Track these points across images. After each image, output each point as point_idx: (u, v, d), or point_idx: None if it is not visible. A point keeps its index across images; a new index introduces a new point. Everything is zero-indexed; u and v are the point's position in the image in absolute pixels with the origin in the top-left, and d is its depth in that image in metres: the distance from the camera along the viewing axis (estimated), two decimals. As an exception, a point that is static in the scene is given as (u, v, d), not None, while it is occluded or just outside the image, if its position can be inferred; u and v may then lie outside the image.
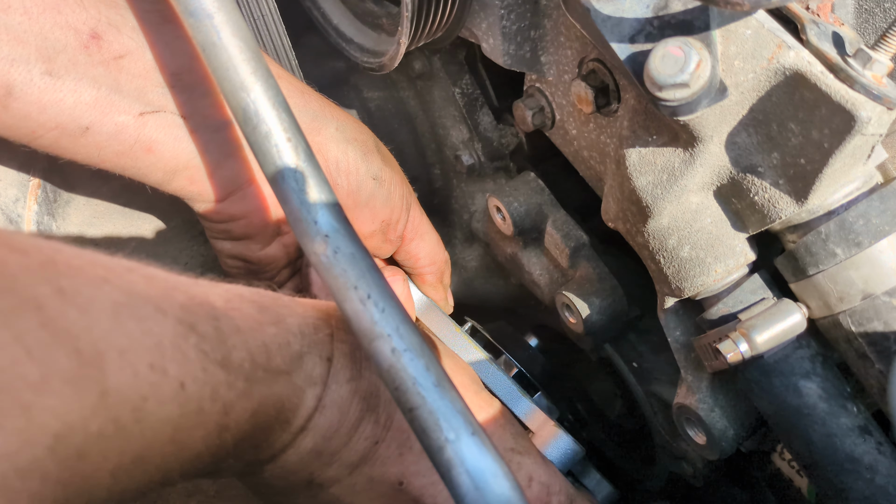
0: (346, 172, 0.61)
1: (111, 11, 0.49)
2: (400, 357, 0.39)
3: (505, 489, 0.37)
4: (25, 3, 0.46)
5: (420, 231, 0.68)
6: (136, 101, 0.51)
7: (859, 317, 0.49)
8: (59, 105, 0.48)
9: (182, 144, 0.53)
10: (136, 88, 0.51)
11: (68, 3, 0.48)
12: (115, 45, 0.49)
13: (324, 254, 0.41)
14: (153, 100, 0.51)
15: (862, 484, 0.50)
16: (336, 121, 0.61)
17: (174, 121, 0.53)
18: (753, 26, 0.45)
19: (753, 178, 0.49)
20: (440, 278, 0.72)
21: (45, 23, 0.47)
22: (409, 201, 0.66)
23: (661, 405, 0.69)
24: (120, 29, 0.49)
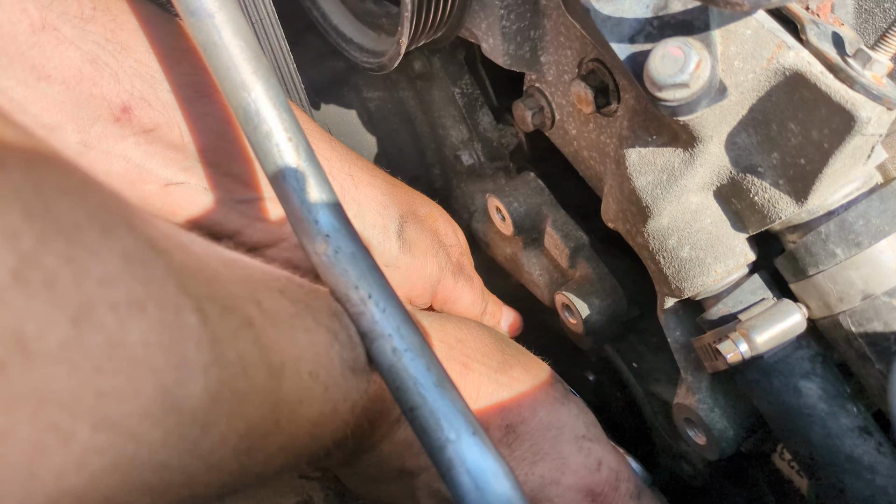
0: None
1: (144, 85, 0.51)
2: (401, 357, 0.39)
3: (505, 489, 0.37)
4: (64, 74, 0.47)
5: (452, 297, 0.68)
6: (163, 172, 0.52)
7: (859, 317, 0.49)
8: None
9: (205, 213, 0.55)
10: (164, 161, 0.52)
11: (104, 76, 0.49)
12: (145, 119, 0.50)
13: (325, 253, 0.41)
14: (179, 172, 0.53)
15: (862, 484, 0.50)
16: (356, 205, 0.60)
17: (198, 192, 0.54)
18: (753, 26, 0.45)
19: (753, 178, 0.49)
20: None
21: (82, 94, 0.48)
22: (434, 279, 0.66)
23: (661, 405, 0.69)
24: (151, 103, 0.51)
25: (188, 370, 0.28)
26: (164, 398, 0.27)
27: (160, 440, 0.27)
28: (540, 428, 0.56)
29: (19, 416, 0.22)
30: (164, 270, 0.28)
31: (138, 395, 0.26)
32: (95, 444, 0.24)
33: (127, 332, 0.25)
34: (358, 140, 0.78)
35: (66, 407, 0.23)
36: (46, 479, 0.23)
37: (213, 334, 0.30)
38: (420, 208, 0.66)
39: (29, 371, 0.22)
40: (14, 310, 0.21)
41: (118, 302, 0.25)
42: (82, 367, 0.23)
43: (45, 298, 0.22)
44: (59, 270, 0.23)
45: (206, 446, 0.30)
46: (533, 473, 0.55)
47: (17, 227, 0.22)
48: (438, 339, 0.55)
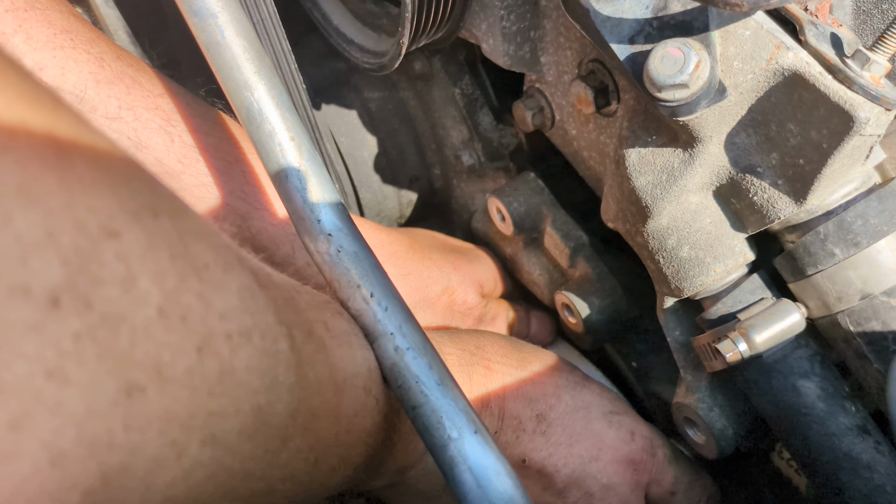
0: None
1: (171, 181, 0.53)
2: (403, 356, 0.40)
3: (507, 487, 0.37)
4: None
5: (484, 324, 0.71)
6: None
7: (858, 316, 0.49)
8: None
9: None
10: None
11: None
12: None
13: (327, 252, 0.41)
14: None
15: (860, 483, 0.50)
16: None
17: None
18: (752, 27, 0.45)
19: (752, 178, 0.50)
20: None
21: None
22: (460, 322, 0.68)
23: (661, 404, 0.69)
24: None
25: (277, 391, 0.31)
26: (257, 416, 0.30)
27: (250, 453, 0.30)
28: (568, 411, 0.58)
29: (150, 434, 0.24)
30: (265, 302, 0.31)
31: (239, 414, 0.29)
32: (201, 458, 0.27)
33: (236, 358, 0.28)
34: (358, 140, 0.78)
35: (184, 425, 0.26)
36: (158, 489, 0.25)
37: (299, 357, 0.33)
38: (433, 288, 0.67)
39: (162, 394, 0.24)
40: (157, 341, 0.24)
41: (232, 332, 0.28)
42: (200, 390, 0.26)
43: (180, 330, 0.25)
44: (192, 306, 0.26)
45: (284, 458, 0.33)
46: (572, 455, 0.57)
47: (164, 269, 0.25)
48: (459, 348, 0.57)
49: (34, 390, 0.20)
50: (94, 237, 0.23)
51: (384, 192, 0.80)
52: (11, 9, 0.49)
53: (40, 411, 0.21)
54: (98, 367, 0.22)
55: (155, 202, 0.26)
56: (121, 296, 0.23)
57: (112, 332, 0.23)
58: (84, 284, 0.22)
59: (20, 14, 0.50)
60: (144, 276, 0.24)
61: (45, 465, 0.21)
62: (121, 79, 0.53)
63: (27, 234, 0.20)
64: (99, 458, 0.22)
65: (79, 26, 0.53)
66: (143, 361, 0.24)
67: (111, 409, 0.23)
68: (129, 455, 0.24)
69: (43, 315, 0.21)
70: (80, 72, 0.51)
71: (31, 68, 0.48)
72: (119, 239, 0.23)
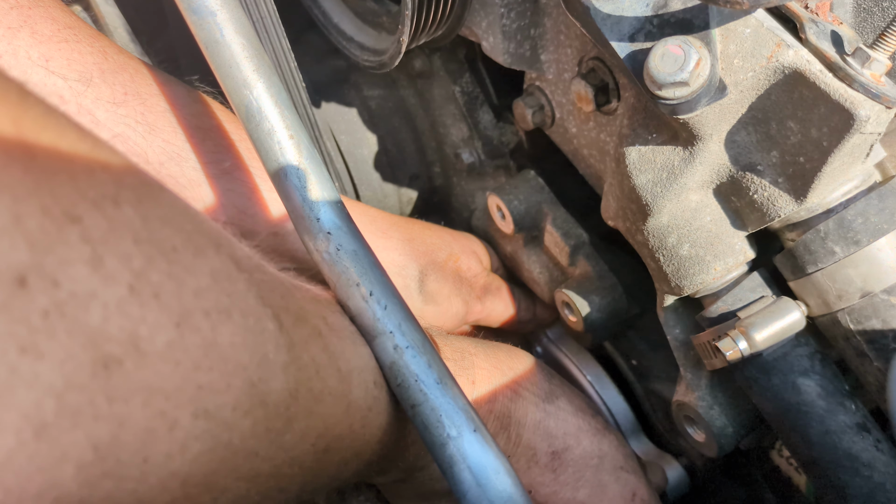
0: None
1: (172, 164, 0.54)
2: (402, 354, 0.40)
3: (506, 485, 0.37)
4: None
5: (484, 315, 0.72)
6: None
7: (858, 315, 0.49)
8: None
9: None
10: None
11: (134, 156, 0.52)
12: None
13: (326, 251, 0.41)
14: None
15: (860, 481, 0.50)
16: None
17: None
18: (753, 25, 0.45)
19: (753, 176, 0.50)
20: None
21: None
22: (462, 313, 0.69)
23: (661, 403, 0.69)
24: (178, 180, 0.54)
25: (270, 368, 0.32)
26: (251, 392, 0.31)
27: (249, 430, 0.31)
28: (583, 456, 0.59)
29: (134, 405, 0.25)
30: (246, 284, 0.32)
31: (230, 388, 0.29)
32: (195, 430, 0.28)
33: (218, 334, 0.29)
34: (358, 138, 0.78)
35: (171, 398, 0.26)
36: (157, 461, 0.26)
37: (289, 339, 0.34)
38: (439, 254, 0.68)
39: (142, 367, 0.25)
40: (130, 316, 0.25)
41: (209, 309, 0.29)
42: (184, 363, 0.27)
43: (154, 307, 0.26)
44: (163, 284, 0.27)
45: (288, 439, 0.34)
46: (575, 499, 0.58)
47: (129, 251, 0.26)
48: (492, 364, 0.58)
49: (9, 365, 0.21)
50: (59, 221, 0.23)
51: (384, 190, 0.80)
52: (16, 6, 0.51)
53: (17, 385, 0.21)
54: (70, 341, 0.23)
55: (116, 191, 0.27)
56: (89, 274, 0.24)
57: (82, 309, 0.23)
58: (51, 264, 0.23)
59: (25, 11, 0.51)
60: (111, 257, 0.25)
61: (29, 436, 0.22)
62: (124, 69, 0.54)
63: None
64: (85, 429, 0.23)
65: (80, 23, 0.54)
66: (117, 336, 0.24)
67: (89, 380, 0.23)
68: (118, 426, 0.24)
69: (9, 294, 0.21)
70: (84, 62, 0.52)
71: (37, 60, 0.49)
72: (81, 223, 0.24)
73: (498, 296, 0.73)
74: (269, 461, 0.33)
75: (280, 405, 0.33)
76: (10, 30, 0.50)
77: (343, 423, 0.39)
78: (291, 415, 0.34)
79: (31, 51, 0.50)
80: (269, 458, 0.33)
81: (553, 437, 0.58)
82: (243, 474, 0.32)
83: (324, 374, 0.37)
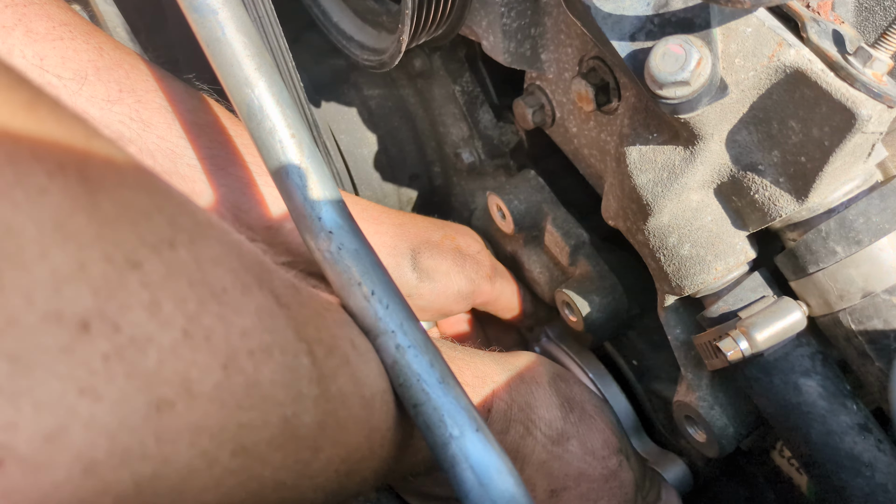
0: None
1: (165, 160, 0.54)
2: (404, 353, 0.39)
3: (509, 485, 0.37)
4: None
5: (493, 298, 0.72)
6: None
7: (859, 315, 0.49)
8: None
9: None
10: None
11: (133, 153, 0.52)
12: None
13: (328, 250, 0.41)
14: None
15: (861, 481, 0.50)
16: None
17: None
18: (754, 24, 0.45)
19: (754, 175, 0.49)
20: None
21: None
22: (466, 291, 0.69)
23: (661, 403, 0.69)
24: (172, 177, 0.54)
25: (303, 403, 0.33)
26: (285, 427, 0.32)
27: (280, 462, 0.32)
28: (580, 498, 0.59)
29: (181, 445, 0.26)
30: (285, 321, 0.33)
31: (267, 425, 0.31)
32: (232, 466, 0.29)
33: (260, 373, 0.30)
34: (358, 138, 0.78)
35: (214, 437, 0.28)
36: (192, 495, 0.27)
37: (321, 372, 0.35)
38: (433, 234, 0.68)
39: (191, 409, 0.26)
40: (184, 360, 0.26)
41: (254, 349, 0.30)
42: (229, 404, 0.28)
43: (205, 349, 0.27)
44: (214, 327, 0.28)
45: (315, 468, 0.35)
46: None
47: (184, 295, 0.27)
48: (510, 396, 0.58)
49: (68, 406, 0.22)
50: (121, 268, 0.25)
51: (384, 189, 0.80)
52: (11, 4, 0.50)
53: (74, 425, 0.22)
54: (127, 384, 0.24)
55: (173, 234, 0.28)
56: (147, 320, 0.25)
57: (140, 353, 0.24)
58: (113, 310, 0.24)
59: (20, 9, 0.51)
60: (167, 301, 0.26)
61: (77, 473, 0.22)
62: (120, 65, 0.54)
63: (61, 267, 0.23)
64: (131, 468, 0.24)
65: (77, 20, 0.54)
66: (171, 378, 0.25)
67: (142, 422, 0.24)
68: (162, 464, 0.25)
69: (74, 338, 0.22)
70: (79, 60, 0.52)
71: (31, 59, 0.49)
72: (141, 269, 0.25)
73: (507, 279, 0.72)
74: (295, 490, 0.34)
75: (309, 437, 0.34)
76: (5, 28, 0.49)
77: (365, 446, 0.40)
78: (319, 445, 0.35)
79: (25, 49, 0.50)
80: (296, 486, 0.34)
81: (554, 477, 0.58)
82: (269, 503, 0.33)
83: (349, 402, 0.38)
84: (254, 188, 0.57)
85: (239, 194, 0.56)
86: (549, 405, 0.59)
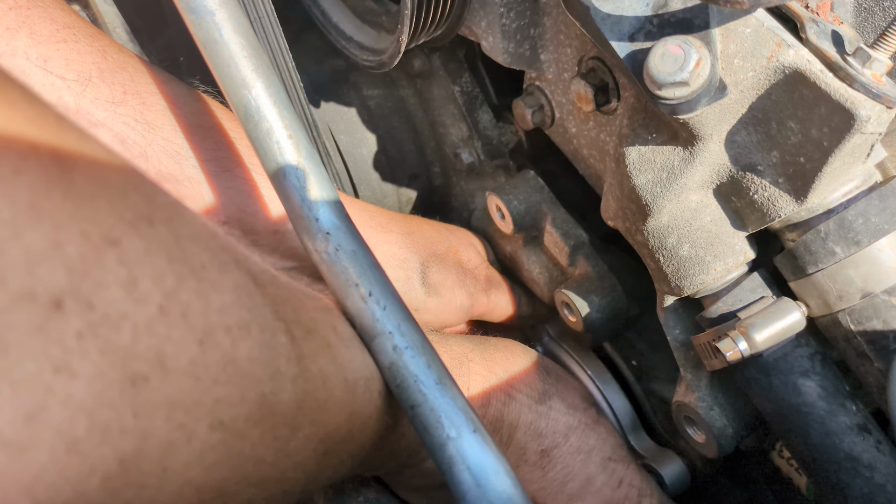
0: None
1: (171, 162, 0.54)
2: (401, 354, 0.39)
3: (506, 486, 0.37)
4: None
5: (489, 309, 0.73)
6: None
7: (858, 315, 0.49)
8: None
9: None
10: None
11: (134, 155, 0.53)
12: (172, 194, 0.54)
13: (325, 251, 0.41)
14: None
15: (861, 482, 0.50)
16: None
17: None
18: (753, 25, 0.45)
19: (753, 176, 0.49)
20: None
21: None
22: (467, 305, 0.69)
23: (660, 403, 0.69)
24: (178, 179, 0.54)
25: (280, 380, 0.33)
26: (263, 403, 0.32)
27: (259, 438, 0.32)
28: (571, 452, 0.61)
29: (158, 419, 0.26)
30: (262, 299, 0.33)
31: (244, 401, 0.31)
32: (211, 440, 0.29)
33: (237, 349, 0.30)
34: (358, 138, 0.78)
35: (190, 411, 0.28)
36: (175, 471, 0.28)
37: (299, 351, 0.35)
38: (439, 246, 0.69)
39: (166, 383, 0.26)
40: (158, 335, 0.26)
41: (231, 326, 0.30)
42: (204, 379, 0.28)
43: (181, 325, 0.27)
44: (191, 303, 0.28)
45: (293, 446, 0.36)
46: (562, 493, 0.60)
47: (163, 271, 0.27)
48: (487, 368, 0.59)
49: (44, 384, 0.22)
50: (97, 245, 0.25)
51: (383, 190, 0.80)
52: (15, 6, 0.51)
53: (53, 403, 0.22)
54: (102, 360, 0.24)
55: (151, 211, 0.28)
56: (123, 297, 0.25)
57: (114, 329, 0.25)
58: (87, 288, 0.24)
59: (24, 11, 0.51)
60: (145, 278, 0.26)
61: (62, 452, 0.23)
62: (124, 68, 0.54)
63: (35, 246, 0.23)
64: (113, 444, 0.24)
65: (80, 23, 0.54)
66: (145, 354, 0.26)
67: (118, 397, 0.24)
68: (142, 439, 0.26)
69: (46, 317, 0.23)
70: (83, 62, 0.52)
71: (36, 60, 0.49)
72: (119, 246, 0.25)
73: (501, 290, 0.73)
74: (275, 466, 0.35)
75: (287, 415, 0.34)
76: (9, 30, 0.50)
77: (344, 428, 0.40)
78: (297, 423, 0.35)
79: (29, 51, 0.50)
80: (275, 463, 0.35)
81: (542, 436, 0.60)
82: (252, 480, 0.33)
83: (330, 384, 0.38)
84: (258, 191, 0.57)
85: (245, 197, 0.56)
86: (527, 370, 0.61)
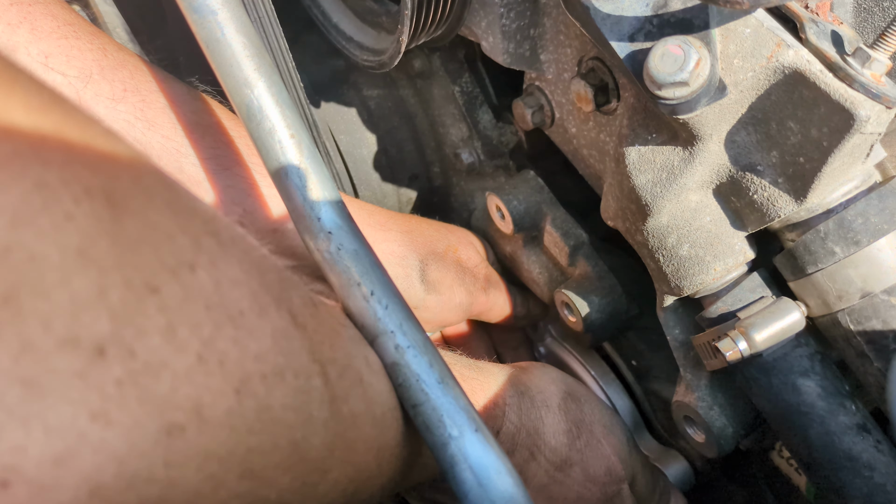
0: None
1: (170, 159, 0.54)
2: (403, 354, 0.39)
3: (508, 486, 0.37)
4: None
5: (486, 309, 0.73)
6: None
7: (858, 315, 0.49)
8: None
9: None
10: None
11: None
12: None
13: (327, 251, 0.41)
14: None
15: (860, 482, 0.50)
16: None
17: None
18: (753, 25, 0.45)
19: (752, 176, 0.49)
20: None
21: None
22: (466, 304, 0.70)
23: (660, 403, 0.69)
24: (177, 177, 0.53)
25: (312, 426, 0.33)
26: (294, 450, 0.32)
27: (288, 485, 0.32)
28: None
29: (189, 469, 0.26)
30: (300, 342, 0.33)
31: (276, 449, 0.31)
32: (239, 490, 0.29)
33: (272, 397, 0.30)
34: (358, 138, 0.78)
35: (223, 462, 0.28)
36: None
37: (332, 393, 0.35)
38: (438, 244, 0.69)
39: (202, 434, 0.26)
40: (196, 385, 0.26)
41: (267, 373, 0.30)
42: (240, 429, 0.28)
43: (218, 374, 0.27)
44: (229, 351, 0.28)
45: (322, 489, 0.35)
46: None
47: (200, 320, 0.27)
48: (521, 422, 0.58)
49: (78, 430, 0.22)
50: (139, 292, 0.25)
51: (383, 190, 0.80)
52: (16, 2, 0.51)
53: (84, 450, 0.22)
54: (139, 409, 0.24)
55: (194, 257, 0.28)
56: (163, 345, 0.25)
57: (154, 378, 0.24)
58: (129, 335, 0.24)
59: (25, 7, 0.51)
60: (183, 326, 0.26)
61: (84, 495, 0.23)
62: (124, 66, 0.54)
63: (81, 293, 0.23)
64: (138, 491, 0.24)
65: (80, 20, 0.55)
66: (183, 404, 0.25)
67: (152, 447, 0.24)
68: (169, 488, 0.25)
69: (89, 363, 0.23)
70: (84, 59, 0.52)
71: (36, 56, 0.49)
72: (159, 294, 0.25)
73: (500, 289, 0.73)
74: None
75: (318, 459, 0.34)
76: (10, 26, 0.50)
77: (373, 464, 0.40)
78: (327, 467, 0.35)
79: (30, 47, 0.50)
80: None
81: (552, 500, 0.59)
82: None
83: (360, 422, 0.38)
84: (258, 190, 0.57)
85: (244, 196, 0.56)
86: (556, 431, 0.59)
